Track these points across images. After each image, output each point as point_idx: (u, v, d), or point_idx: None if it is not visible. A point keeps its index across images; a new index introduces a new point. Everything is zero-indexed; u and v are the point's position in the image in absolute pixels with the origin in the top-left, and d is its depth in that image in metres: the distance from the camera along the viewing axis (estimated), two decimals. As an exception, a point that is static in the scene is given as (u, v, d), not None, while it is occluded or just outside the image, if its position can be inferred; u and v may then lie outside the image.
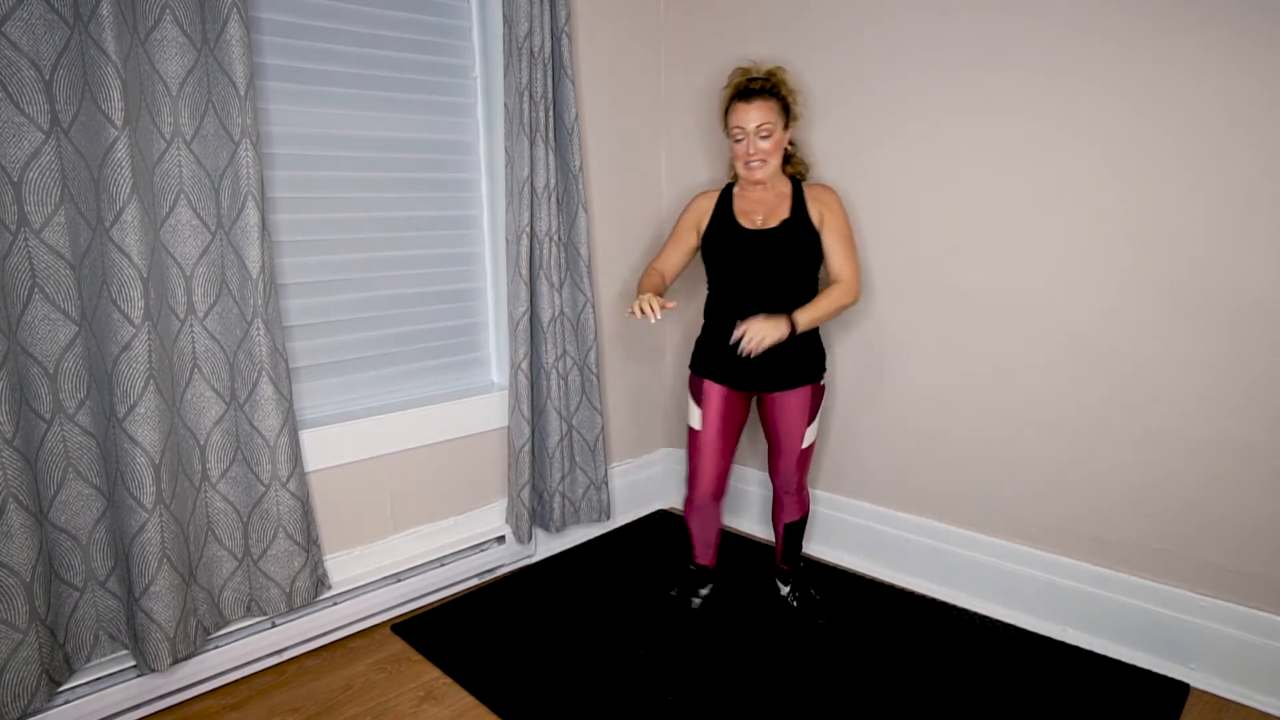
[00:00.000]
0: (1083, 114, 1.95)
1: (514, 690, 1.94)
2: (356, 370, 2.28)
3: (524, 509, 2.47)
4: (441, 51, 2.35)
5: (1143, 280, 1.92)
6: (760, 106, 1.94)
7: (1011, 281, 2.14)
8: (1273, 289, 1.76)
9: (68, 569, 1.72)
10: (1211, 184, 1.80)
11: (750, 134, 1.95)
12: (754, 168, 1.99)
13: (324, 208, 2.15)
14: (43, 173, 1.58)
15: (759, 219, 2.02)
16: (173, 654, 1.77)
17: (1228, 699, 1.90)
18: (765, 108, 1.94)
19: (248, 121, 1.77)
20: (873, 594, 2.40)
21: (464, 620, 2.26)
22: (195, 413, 1.84)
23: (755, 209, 2.04)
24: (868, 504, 2.55)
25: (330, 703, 1.92)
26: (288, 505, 1.96)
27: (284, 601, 2.00)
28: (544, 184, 2.35)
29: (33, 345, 1.62)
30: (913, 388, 2.39)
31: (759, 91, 1.96)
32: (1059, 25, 1.96)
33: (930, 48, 2.20)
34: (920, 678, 1.97)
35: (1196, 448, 1.90)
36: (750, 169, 1.99)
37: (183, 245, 1.78)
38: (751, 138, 1.96)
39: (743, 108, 1.95)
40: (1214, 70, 1.76)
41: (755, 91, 1.95)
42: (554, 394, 2.48)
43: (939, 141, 2.22)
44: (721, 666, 2.03)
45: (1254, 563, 1.86)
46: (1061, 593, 2.15)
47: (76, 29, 1.55)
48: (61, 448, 1.68)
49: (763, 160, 1.98)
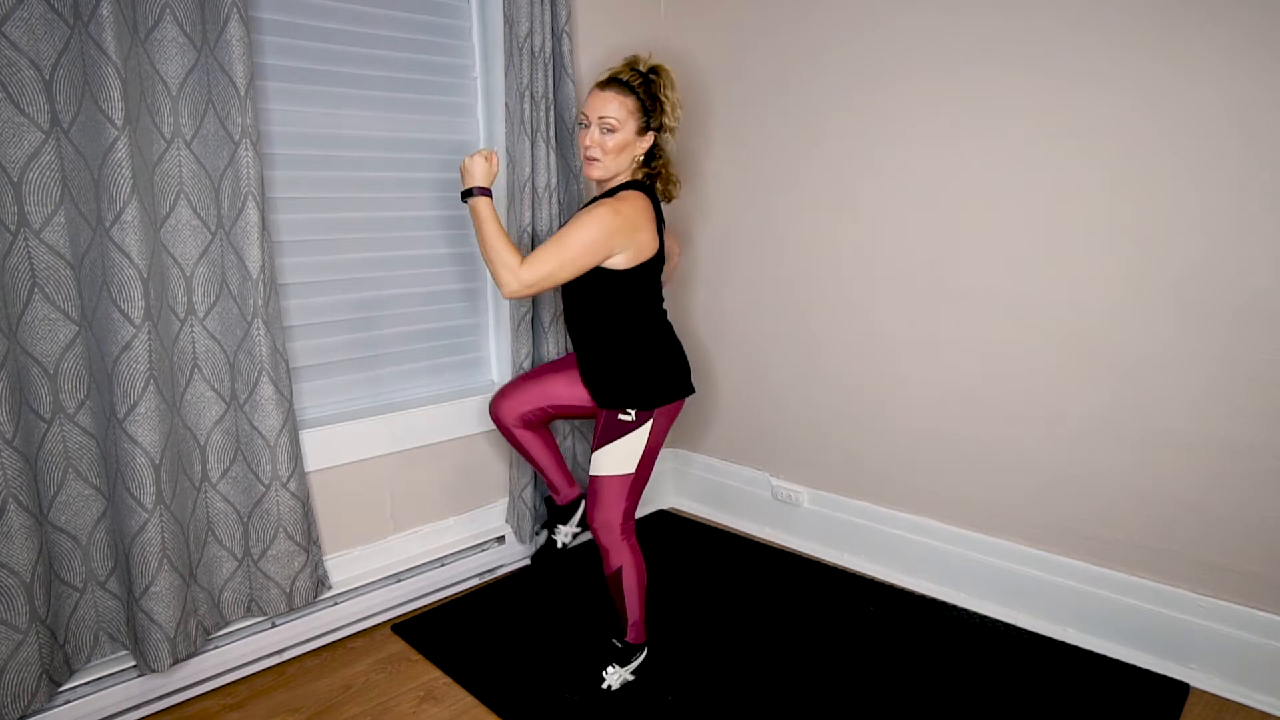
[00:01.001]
0: (1083, 114, 1.95)
1: (514, 690, 1.94)
2: (356, 370, 2.28)
3: (525, 509, 2.47)
4: (442, 51, 2.35)
5: (1143, 280, 1.92)
6: (613, 98, 1.76)
7: (1011, 281, 2.14)
8: (1273, 289, 1.76)
9: (68, 569, 1.72)
10: (1211, 184, 1.80)
11: (594, 124, 1.78)
12: (588, 161, 1.81)
13: (324, 208, 2.15)
14: (43, 173, 1.58)
15: None
16: (173, 654, 1.77)
17: (1228, 699, 1.90)
18: (618, 101, 1.76)
19: (248, 121, 1.77)
20: (873, 594, 2.40)
21: (464, 620, 2.26)
22: (195, 413, 1.84)
23: None
24: (868, 504, 2.55)
25: (330, 703, 1.92)
26: (288, 505, 1.96)
27: (284, 602, 2.00)
28: (545, 184, 2.35)
29: (33, 345, 1.62)
30: (912, 387, 2.39)
31: (620, 83, 1.79)
32: (1059, 25, 1.96)
33: (931, 48, 2.20)
34: (920, 678, 1.97)
35: (1197, 447, 1.90)
36: (586, 161, 1.82)
37: (183, 245, 1.78)
38: (594, 128, 1.78)
39: (596, 93, 1.79)
40: (1214, 70, 1.76)
41: (616, 81, 1.79)
42: (554, 394, 2.48)
43: (939, 142, 2.22)
44: (721, 666, 2.03)
45: (1254, 563, 1.86)
46: (1061, 593, 2.15)
47: (76, 29, 1.55)
48: (61, 448, 1.68)
49: (597, 157, 1.79)
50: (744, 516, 2.92)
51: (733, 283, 2.80)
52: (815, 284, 2.57)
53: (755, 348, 2.78)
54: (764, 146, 2.63)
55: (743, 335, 2.80)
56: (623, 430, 1.86)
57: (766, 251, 2.68)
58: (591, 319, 1.89)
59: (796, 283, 2.62)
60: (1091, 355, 2.03)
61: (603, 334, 1.89)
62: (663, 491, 3.11)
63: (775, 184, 2.62)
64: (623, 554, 1.90)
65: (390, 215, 2.28)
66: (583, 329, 1.93)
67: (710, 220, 2.84)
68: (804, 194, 2.55)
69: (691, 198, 2.86)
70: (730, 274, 2.81)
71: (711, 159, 2.79)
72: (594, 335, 1.91)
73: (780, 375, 2.72)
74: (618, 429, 1.86)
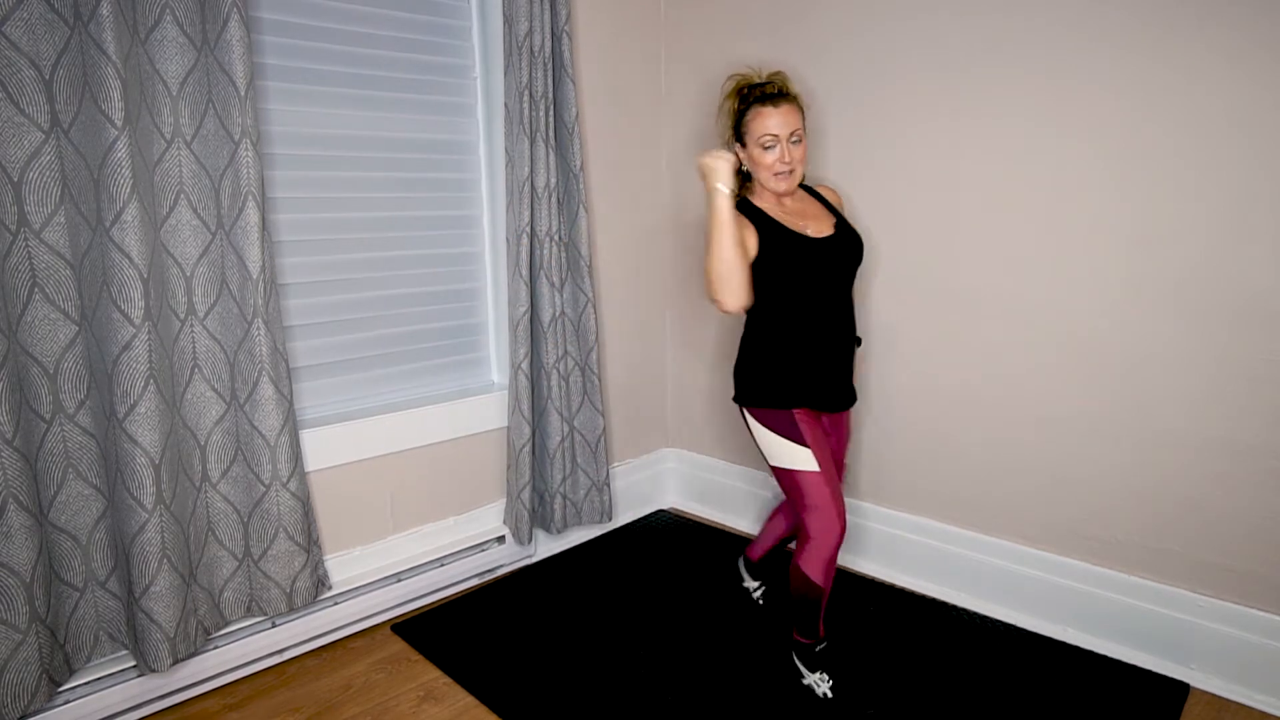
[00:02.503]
0: (1083, 114, 1.95)
1: (514, 690, 1.94)
2: (356, 370, 2.28)
3: (524, 510, 2.47)
4: (441, 51, 2.35)
5: (1143, 280, 1.92)
6: (789, 111, 1.81)
7: (1012, 282, 2.14)
8: (1273, 289, 1.76)
9: (68, 569, 1.72)
10: (1211, 183, 1.80)
11: (784, 140, 1.81)
12: (784, 176, 1.84)
13: (324, 208, 2.15)
14: (43, 173, 1.58)
15: (809, 229, 1.86)
16: (173, 654, 1.77)
17: (1228, 699, 1.90)
18: (793, 112, 1.82)
19: (248, 121, 1.77)
20: (873, 594, 2.40)
21: (464, 620, 2.26)
22: (195, 413, 1.84)
23: (797, 219, 1.87)
24: (868, 504, 2.55)
25: (330, 703, 1.92)
26: (288, 505, 1.96)
27: (284, 602, 2.00)
28: (544, 184, 2.35)
29: (33, 345, 1.62)
30: (912, 387, 2.39)
31: (784, 96, 1.83)
32: (1059, 25, 1.96)
33: (931, 48, 2.20)
34: (920, 678, 1.97)
35: (1197, 447, 1.90)
36: (779, 178, 1.84)
37: (183, 245, 1.78)
38: (784, 144, 1.81)
39: (771, 112, 1.81)
40: (1214, 70, 1.76)
41: (781, 95, 1.83)
42: (555, 394, 2.48)
43: (940, 142, 2.22)
44: (721, 666, 2.03)
45: (1254, 563, 1.86)
46: (1061, 593, 2.15)
47: (76, 29, 1.55)
48: (61, 448, 1.68)
49: (793, 169, 1.84)
50: (744, 516, 2.92)
51: (733, 283, 2.80)
52: (815, 284, 2.57)
53: (755, 348, 2.78)
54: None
55: (743, 335, 2.80)
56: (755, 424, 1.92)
57: (766, 251, 2.68)
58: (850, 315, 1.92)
59: (796, 283, 2.62)
60: (1091, 355, 2.03)
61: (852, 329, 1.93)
62: (663, 491, 3.11)
63: (775, 184, 2.62)
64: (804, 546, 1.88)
65: (390, 215, 2.28)
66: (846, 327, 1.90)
67: (710, 220, 2.83)
68: (804, 194, 2.55)
69: (690, 197, 2.86)
70: (730, 274, 2.80)
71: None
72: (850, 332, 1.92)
73: (780, 375, 2.72)
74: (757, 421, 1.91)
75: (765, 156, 1.83)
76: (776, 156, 1.82)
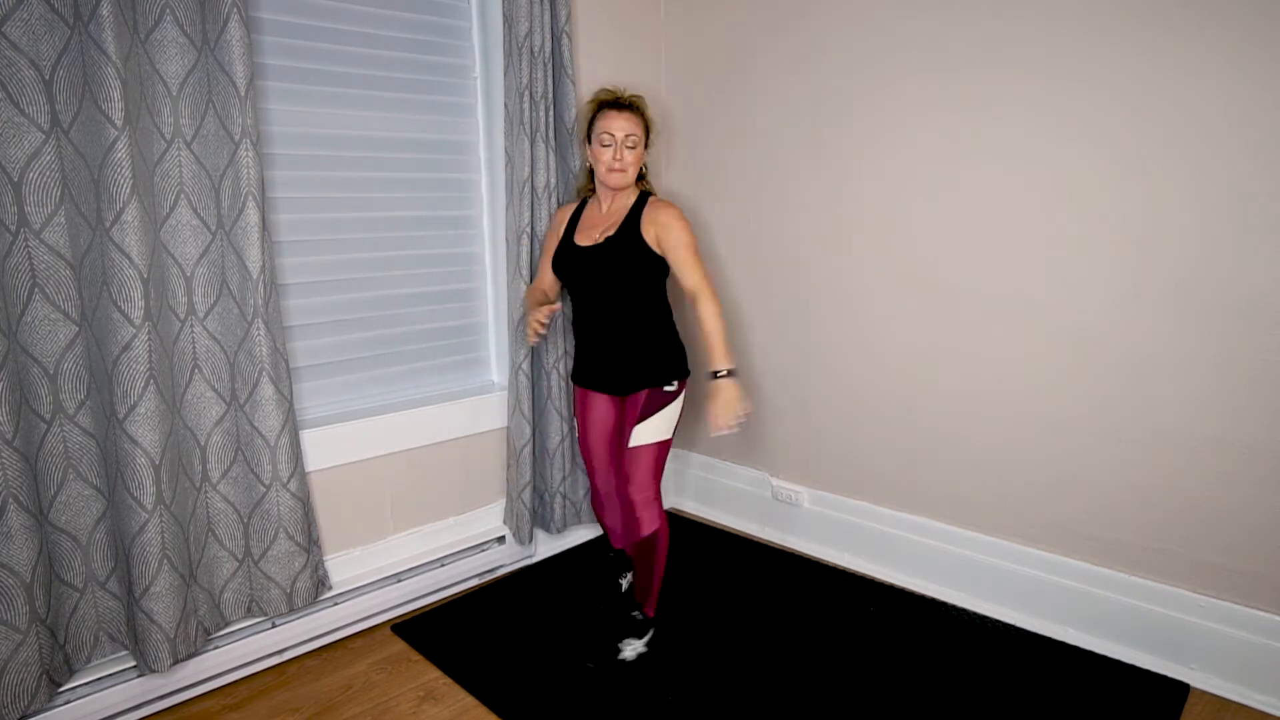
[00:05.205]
0: (1083, 114, 1.96)
1: (514, 690, 1.94)
2: (356, 370, 2.28)
3: (524, 510, 2.47)
4: (441, 51, 2.35)
5: (1143, 280, 1.92)
6: (630, 118, 2.03)
7: (1012, 282, 2.14)
8: (1273, 289, 1.76)
9: (68, 570, 1.72)
10: (1211, 183, 1.80)
11: (618, 141, 2.02)
12: (615, 175, 2.04)
13: (324, 208, 2.15)
14: (43, 173, 1.58)
15: (598, 234, 2.06)
16: (173, 654, 1.77)
17: (1228, 699, 1.90)
18: (634, 121, 2.04)
19: (248, 121, 1.77)
20: (873, 594, 2.40)
21: (464, 620, 2.26)
22: (195, 413, 1.84)
23: (600, 223, 2.08)
24: (868, 504, 2.55)
25: (330, 703, 1.92)
26: (288, 506, 1.96)
27: (284, 602, 2.00)
28: (544, 184, 2.35)
29: (33, 345, 1.62)
30: (912, 387, 2.39)
31: (629, 106, 2.06)
32: (1059, 25, 1.96)
33: (931, 49, 2.20)
34: (920, 678, 1.97)
35: (1197, 447, 1.90)
36: (611, 175, 2.04)
37: (183, 245, 1.78)
38: (619, 145, 2.02)
39: (614, 115, 2.03)
40: (1214, 70, 1.76)
41: (626, 105, 2.06)
42: (555, 395, 2.48)
43: (939, 143, 2.22)
44: (721, 666, 2.03)
45: (1254, 563, 1.86)
46: (1061, 593, 2.15)
47: (76, 29, 1.55)
48: (61, 448, 1.68)
49: (624, 169, 2.04)
50: (744, 516, 2.92)
51: (733, 282, 2.80)
52: (815, 284, 2.57)
53: (756, 348, 2.78)
54: (764, 146, 2.63)
55: (743, 335, 2.80)
56: (666, 401, 2.06)
57: (766, 251, 2.68)
58: (642, 307, 2.07)
59: (796, 283, 2.62)
60: (1091, 355, 2.03)
61: (651, 318, 2.08)
62: (663, 491, 3.11)
63: (775, 184, 2.62)
64: (655, 518, 2.05)
65: (390, 215, 2.28)
66: (630, 320, 2.06)
67: (710, 220, 2.83)
68: (804, 194, 2.55)
69: (691, 197, 2.86)
70: (730, 274, 2.81)
71: (711, 159, 2.79)
72: (642, 322, 2.07)
73: (780, 375, 2.73)
74: (661, 401, 2.06)
75: (603, 154, 2.04)
76: (611, 154, 2.03)
